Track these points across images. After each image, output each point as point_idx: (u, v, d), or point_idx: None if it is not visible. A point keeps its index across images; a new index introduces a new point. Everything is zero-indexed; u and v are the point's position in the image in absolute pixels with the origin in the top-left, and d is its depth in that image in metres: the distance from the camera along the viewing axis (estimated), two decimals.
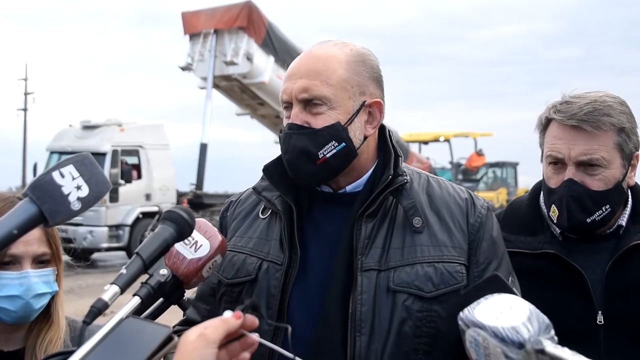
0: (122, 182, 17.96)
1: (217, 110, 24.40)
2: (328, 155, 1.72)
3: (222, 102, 21.49)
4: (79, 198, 1.16)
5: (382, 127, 1.86)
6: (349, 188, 1.81)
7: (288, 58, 16.98)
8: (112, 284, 1.19)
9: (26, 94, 41.97)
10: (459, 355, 1.41)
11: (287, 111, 1.79)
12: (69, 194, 1.15)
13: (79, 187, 1.16)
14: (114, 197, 17.62)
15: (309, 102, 1.73)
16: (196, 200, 19.59)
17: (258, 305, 1.72)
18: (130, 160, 18.64)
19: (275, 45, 19.82)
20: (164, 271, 1.39)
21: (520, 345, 1.18)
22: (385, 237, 1.73)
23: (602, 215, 2.02)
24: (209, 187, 21.15)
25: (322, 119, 1.72)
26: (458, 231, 1.77)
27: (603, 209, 2.01)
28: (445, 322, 1.62)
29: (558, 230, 2.11)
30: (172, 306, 1.50)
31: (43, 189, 1.14)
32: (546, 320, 1.21)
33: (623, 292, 2.01)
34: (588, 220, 2.01)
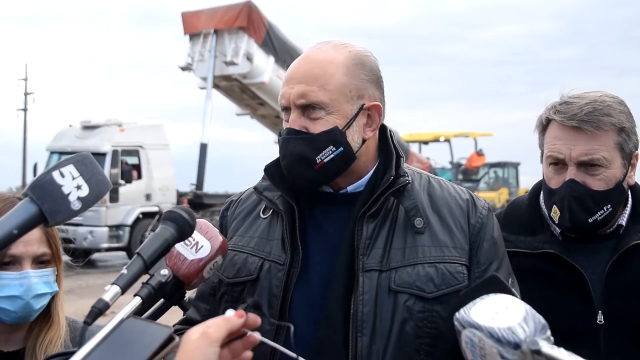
0: (122, 182, 17.95)
1: (217, 111, 24.41)
2: (326, 160, 1.71)
3: (222, 102, 21.53)
4: (79, 198, 1.16)
5: (383, 128, 1.86)
6: (350, 188, 1.81)
7: (288, 58, 16.98)
8: (113, 284, 1.19)
9: (26, 94, 41.99)
10: (460, 355, 1.40)
11: (285, 115, 1.79)
12: (69, 194, 1.15)
13: (79, 187, 1.16)
14: (114, 197, 17.60)
15: (307, 107, 1.72)
16: (196, 201, 19.60)
17: (260, 304, 1.72)
18: (131, 160, 18.64)
19: (275, 45, 19.83)
20: (165, 272, 1.39)
21: (516, 345, 1.17)
22: (386, 238, 1.73)
23: (604, 215, 2.02)
24: (209, 187, 21.18)
25: (320, 124, 1.72)
26: (459, 232, 1.77)
27: (604, 208, 2.01)
28: (447, 322, 1.61)
29: (558, 230, 2.10)
30: (173, 307, 1.50)
31: (43, 189, 1.14)
32: (542, 320, 1.21)
33: (623, 291, 2.01)
34: (590, 221, 2.01)
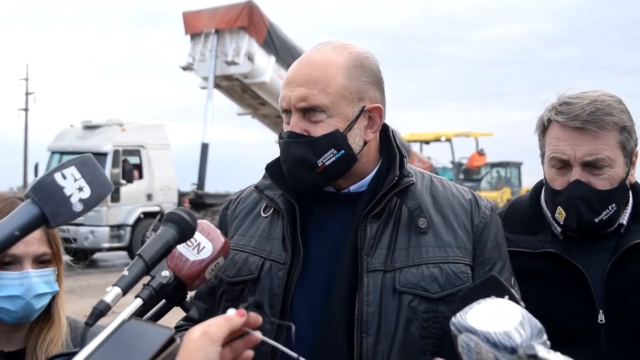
0: (123, 182, 17.96)
1: (218, 110, 24.51)
2: (327, 163, 1.71)
3: (223, 102, 21.60)
4: (80, 199, 1.16)
5: (386, 128, 1.85)
6: (352, 188, 1.80)
7: (289, 58, 17.03)
8: (114, 285, 1.18)
9: (27, 93, 42.01)
10: None
11: (286, 117, 1.78)
12: (70, 196, 1.15)
13: (80, 189, 1.16)
14: (116, 197, 17.59)
15: (308, 111, 1.72)
16: (197, 200, 19.61)
17: (261, 303, 1.72)
18: (132, 160, 18.64)
19: (276, 45, 19.84)
20: (166, 273, 1.38)
21: (513, 350, 1.17)
22: (390, 238, 1.73)
23: (609, 214, 2.02)
24: (210, 187, 21.22)
25: (321, 127, 1.71)
26: (463, 232, 1.77)
27: (610, 207, 2.02)
28: None
29: (559, 230, 2.10)
30: (174, 307, 1.50)
31: (45, 191, 1.13)
32: (539, 325, 1.20)
33: (624, 291, 2.01)
34: (596, 220, 2.01)
